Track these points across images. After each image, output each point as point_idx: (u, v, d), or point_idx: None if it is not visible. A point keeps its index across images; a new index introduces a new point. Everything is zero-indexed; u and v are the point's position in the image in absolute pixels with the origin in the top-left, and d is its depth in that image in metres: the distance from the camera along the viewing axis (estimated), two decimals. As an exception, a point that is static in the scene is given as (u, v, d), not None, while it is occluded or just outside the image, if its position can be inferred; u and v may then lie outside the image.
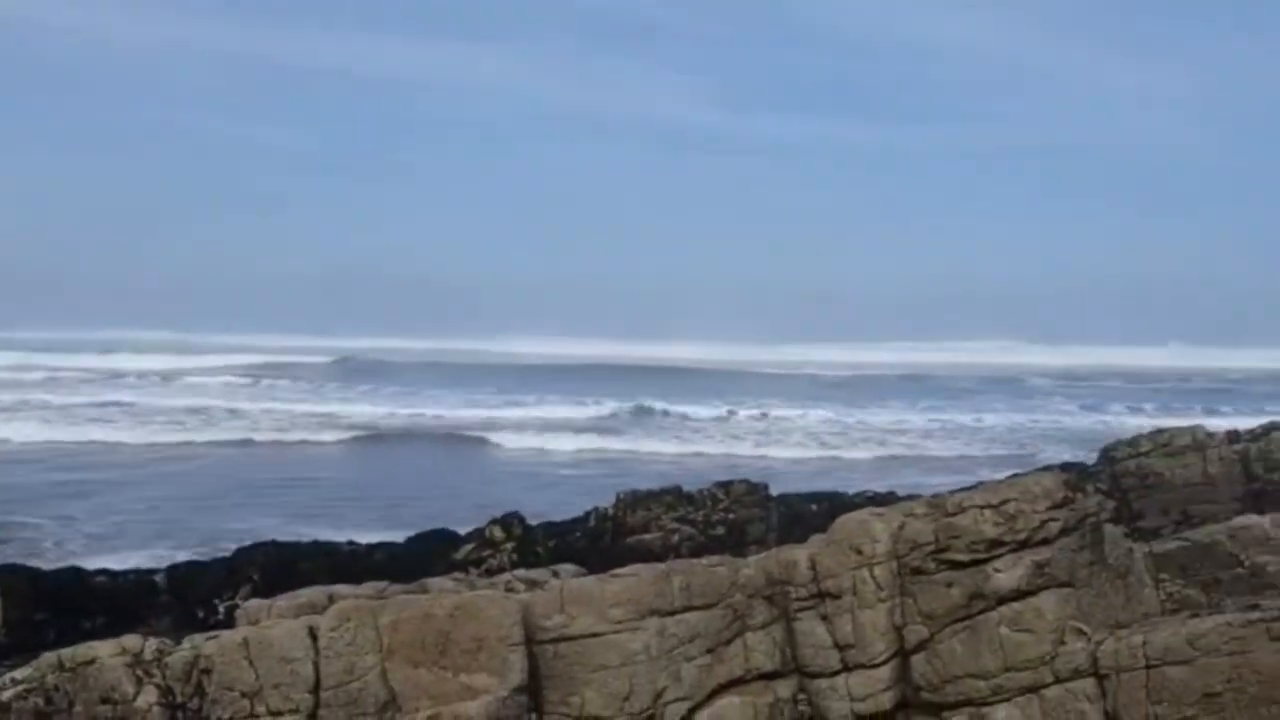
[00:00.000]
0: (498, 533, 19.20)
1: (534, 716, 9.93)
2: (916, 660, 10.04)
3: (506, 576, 13.89)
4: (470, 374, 79.94)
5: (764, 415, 53.93)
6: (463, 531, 19.55)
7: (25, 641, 14.10)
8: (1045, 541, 9.86)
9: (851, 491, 21.75)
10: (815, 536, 11.20)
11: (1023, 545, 9.84)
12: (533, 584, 12.73)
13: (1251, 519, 16.53)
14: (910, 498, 14.10)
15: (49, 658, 10.04)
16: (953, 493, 10.81)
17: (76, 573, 16.68)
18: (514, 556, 18.40)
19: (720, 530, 19.66)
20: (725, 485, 20.72)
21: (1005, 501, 9.93)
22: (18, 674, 10.06)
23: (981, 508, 9.95)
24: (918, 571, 10.09)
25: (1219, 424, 27.46)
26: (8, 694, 9.90)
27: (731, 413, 53.65)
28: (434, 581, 12.92)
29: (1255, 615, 9.09)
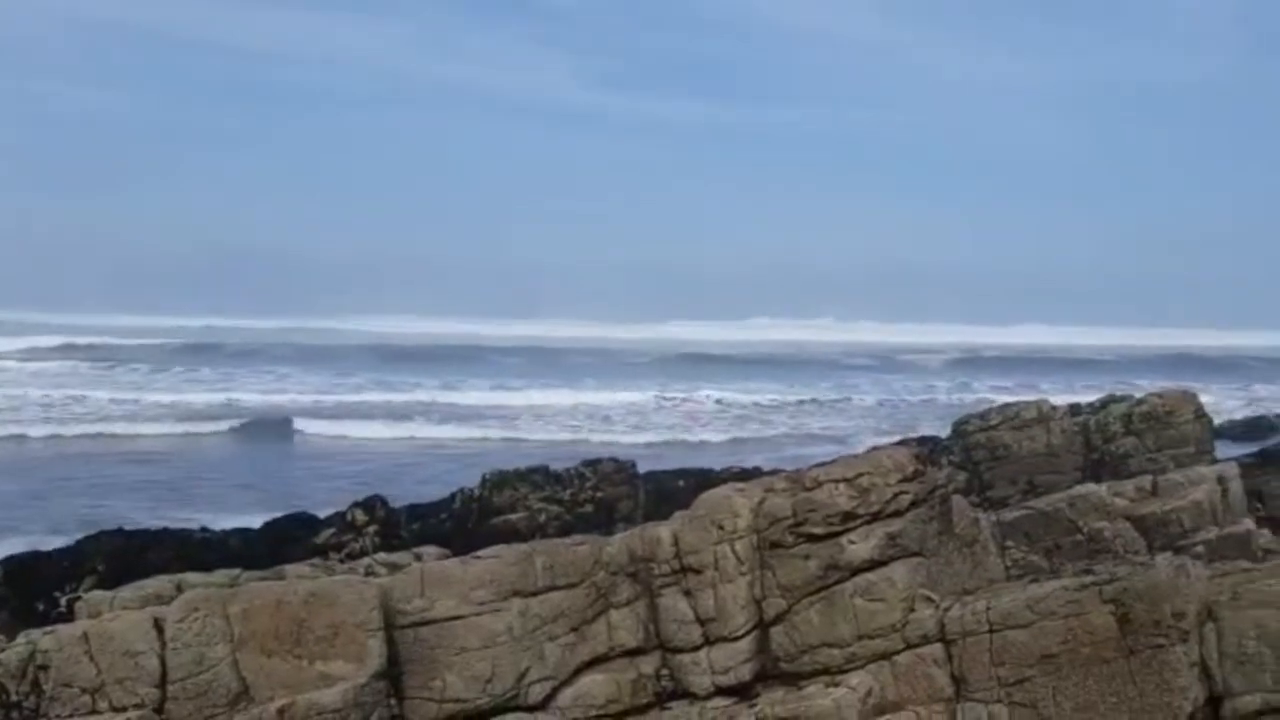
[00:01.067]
0: (359, 516, 18.83)
1: (394, 702, 9.77)
2: (775, 632, 10.26)
3: (367, 560, 13.67)
4: (329, 355, 77.66)
5: (639, 398, 53.30)
6: (323, 515, 19.12)
7: None
8: (897, 513, 10.18)
9: (718, 468, 22.09)
10: (679, 513, 11.31)
11: (875, 517, 10.15)
12: (394, 567, 12.53)
13: (1089, 487, 17.50)
14: (774, 473, 14.38)
15: None
16: (811, 467, 11.05)
17: (-99, 568, 15.66)
18: (376, 540, 18.10)
19: (588, 509, 19.74)
20: (593, 464, 20.80)
21: (859, 475, 10.22)
22: None
23: (837, 482, 10.20)
24: (776, 545, 10.29)
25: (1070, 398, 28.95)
26: None
27: (592, 408, 50.47)
28: (290, 568, 12.62)
29: (1089, 579, 9.59)
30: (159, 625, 9.43)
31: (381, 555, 13.89)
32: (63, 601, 15.06)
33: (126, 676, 9.24)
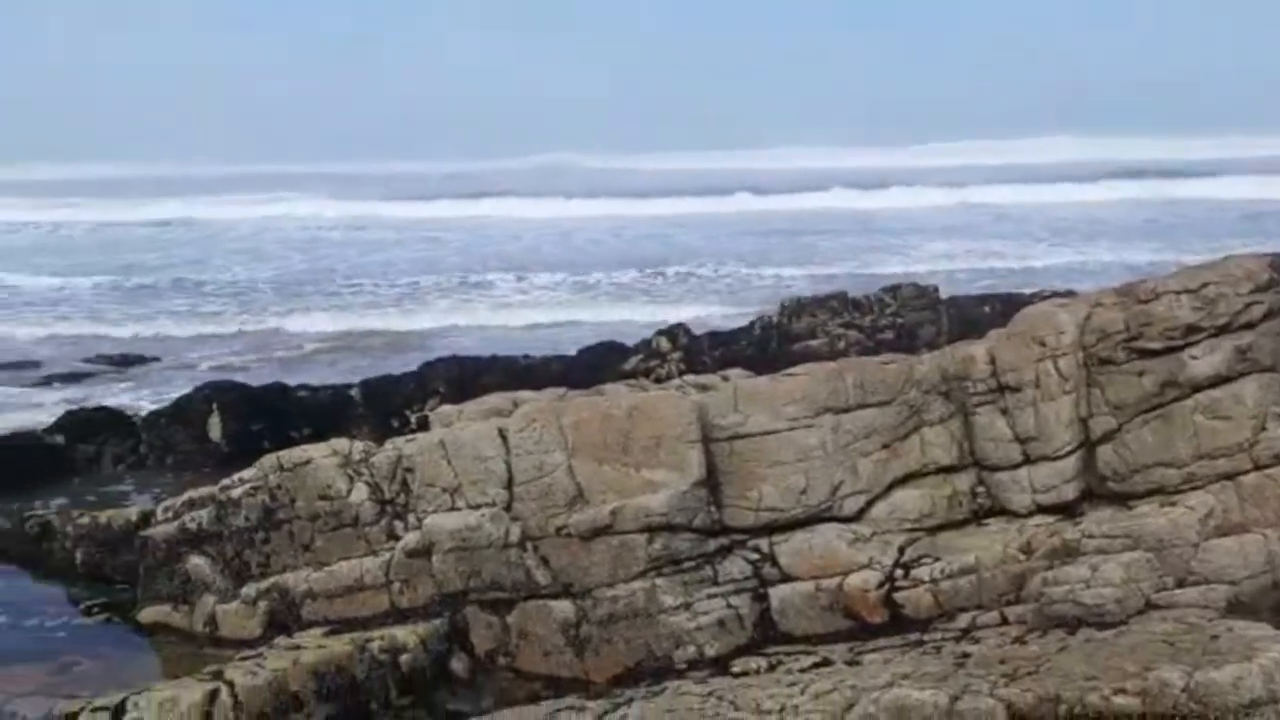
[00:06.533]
0: (664, 343, 19.62)
1: (714, 509, 10.26)
2: (1103, 450, 9.85)
3: (677, 381, 14.21)
4: None
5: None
6: (630, 344, 20.10)
7: (244, 448, 15.46)
8: (1248, 326, 9.34)
9: (1028, 292, 21.07)
10: (994, 331, 10.95)
11: (1222, 330, 9.37)
12: (703, 388, 12.97)
13: None
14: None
15: (269, 460, 10.97)
16: (1144, 280, 10.30)
17: (282, 388, 17.99)
18: (681, 366, 18.79)
19: (889, 335, 19.50)
20: (893, 289, 20.45)
21: (1204, 285, 9.42)
22: (244, 474, 11.06)
23: (1178, 293, 9.46)
24: (1106, 361, 9.77)
25: None
26: (238, 491, 10.93)
27: None
28: (609, 387, 13.33)
29: None
30: (503, 434, 10.30)
31: (690, 376, 14.39)
32: (411, 418, 16.82)
33: (479, 479, 10.24)
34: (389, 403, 17.67)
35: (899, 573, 9.76)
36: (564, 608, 9.85)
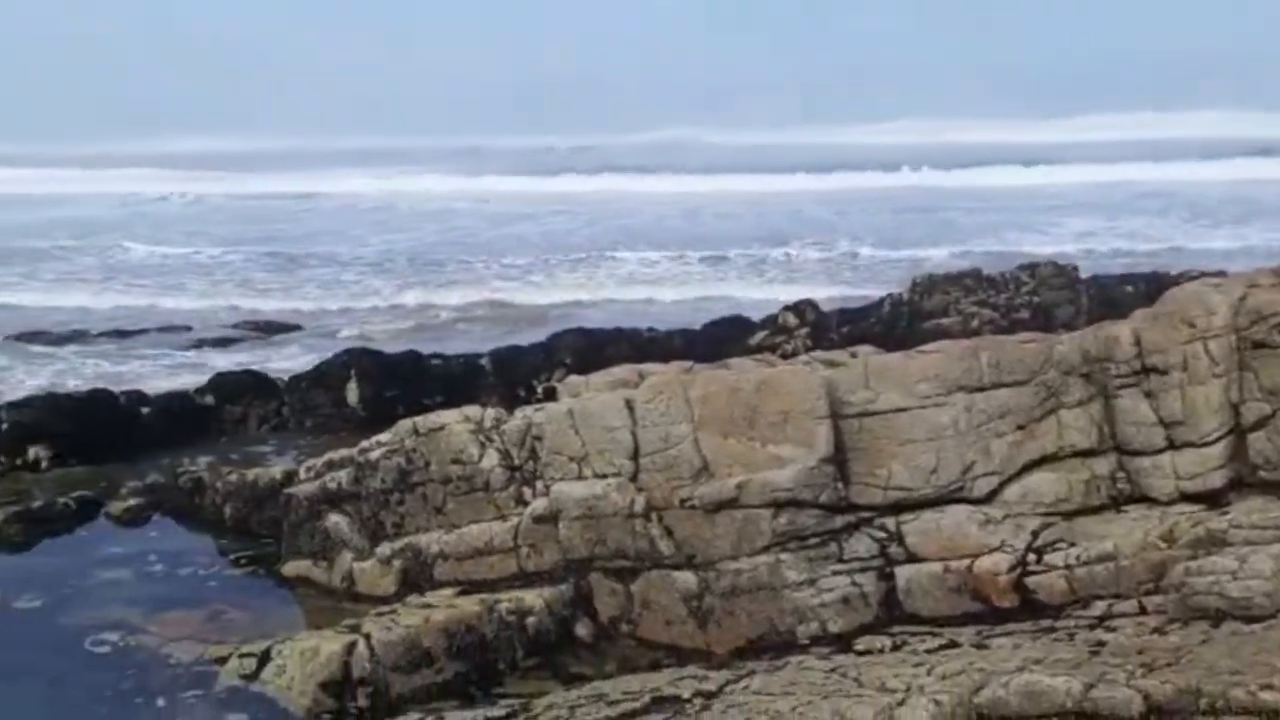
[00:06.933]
0: (791, 319, 19.48)
1: (840, 486, 10.17)
2: (1255, 438, 9.40)
3: (804, 357, 14.08)
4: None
5: None
6: (755, 319, 20.00)
7: (379, 413, 16.02)
8: None
9: (1174, 272, 20.14)
10: (1139, 311, 10.53)
11: (1393, 314, 8.81)
12: (831, 364, 12.84)
13: None
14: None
15: (406, 424, 11.34)
16: (1307, 260, 9.76)
17: (416, 356, 18.55)
18: (808, 342, 18.63)
19: (1024, 314, 18.93)
20: (1030, 267, 19.83)
21: (1374, 266, 8.86)
22: (381, 437, 11.47)
23: (1344, 273, 8.94)
24: (1261, 345, 9.31)
25: None
26: (375, 454, 11.35)
27: None
28: (735, 361, 13.31)
29: None
30: (630, 405, 10.41)
31: (818, 352, 14.24)
32: (539, 388, 17.13)
33: (605, 448, 10.38)
34: (517, 373, 18.04)
35: (1031, 557, 9.53)
36: (687, 579, 9.92)
